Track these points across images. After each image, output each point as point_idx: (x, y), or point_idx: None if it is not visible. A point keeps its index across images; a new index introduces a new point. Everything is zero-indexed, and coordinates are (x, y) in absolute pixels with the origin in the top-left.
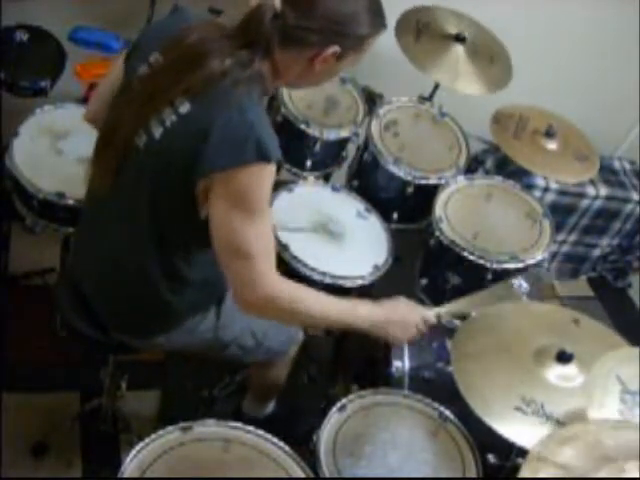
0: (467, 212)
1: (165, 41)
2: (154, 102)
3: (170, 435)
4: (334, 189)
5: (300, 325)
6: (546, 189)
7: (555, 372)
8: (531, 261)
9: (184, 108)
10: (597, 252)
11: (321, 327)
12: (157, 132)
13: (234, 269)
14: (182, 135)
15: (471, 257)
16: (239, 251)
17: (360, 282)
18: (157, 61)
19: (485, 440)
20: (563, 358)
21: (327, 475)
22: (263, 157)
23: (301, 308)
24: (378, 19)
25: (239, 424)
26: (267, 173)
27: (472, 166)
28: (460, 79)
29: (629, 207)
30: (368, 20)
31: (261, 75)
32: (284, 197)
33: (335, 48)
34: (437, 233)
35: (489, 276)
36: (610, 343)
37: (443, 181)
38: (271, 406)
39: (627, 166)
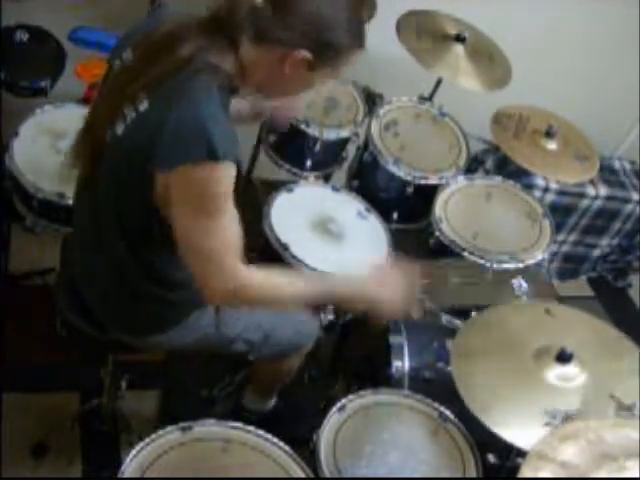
0: (467, 212)
1: (139, 37)
2: (118, 98)
3: (170, 435)
4: (334, 189)
5: (275, 309)
6: (546, 189)
7: (555, 372)
8: (531, 261)
9: (143, 106)
10: (597, 252)
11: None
12: (120, 129)
13: (194, 266)
14: (139, 132)
15: (471, 257)
16: (195, 249)
17: None
18: (128, 57)
19: (485, 440)
20: (563, 358)
21: (327, 475)
22: (212, 156)
23: (269, 296)
24: (356, 36)
25: (239, 424)
26: (219, 172)
27: (472, 166)
28: (461, 76)
29: (629, 207)
30: (345, 33)
31: (218, 66)
32: (284, 197)
33: (306, 53)
34: (437, 233)
35: (489, 276)
36: (593, 327)
37: (443, 181)
38: (272, 401)
39: (627, 166)
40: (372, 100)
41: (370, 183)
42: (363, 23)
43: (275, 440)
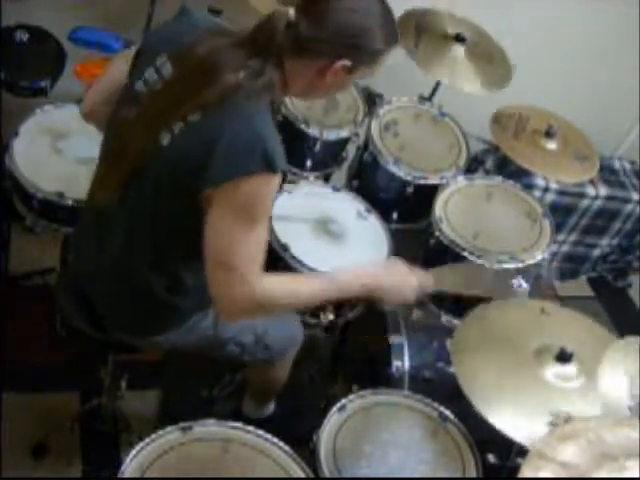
0: (467, 212)
1: (173, 46)
2: (166, 117)
3: (170, 435)
4: (334, 189)
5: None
6: (546, 189)
7: (555, 371)
8: (531, 261)
9: (194, 117)
10: (597, 252)
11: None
12: (165, 139)
13: (218, 276)
14: (189, 143)
15: (471, 257)
16: (227, 259)
17: None
18: (166, 70)
19: (485, 440)
20: (563, 357)
21: (327, 475)
22: (269, 167)
23: (283, 303)
24: (391, 35)
25: (239, 424)
26: (272, 183)
27: (472, 166)
28: (461, 78)
29: (629, 207)
30: (381, 36)
31: (272, 84)
32: (284, 197)
33: (346, 61)
34: (437, 233)
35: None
36: (588, 326)
37: (443, 181)
38: (271, 407)
39: (627, 166)
40: (372, 100)
41: (370, 183)
42: (395, 21)
43: (275, 440)
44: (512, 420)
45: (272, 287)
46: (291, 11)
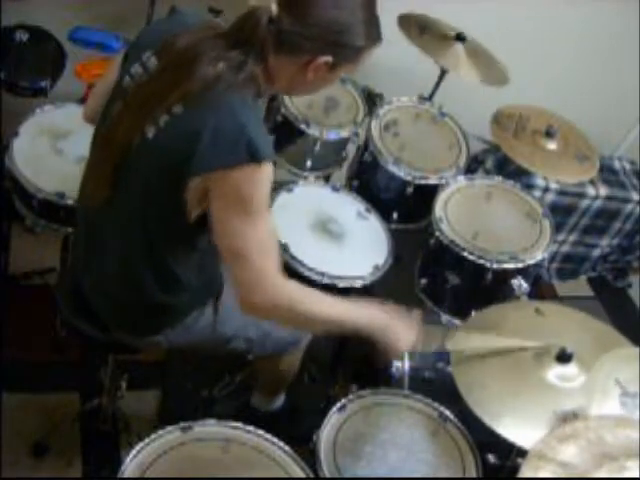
0: (467, 212)
1: (159, 42)
2: (150, 109)
3: (170, 435)
4: (334, 189)
5: (301, 328)
6: (546, 189)
7: (556, 372)
8: (531, 261)
9: (177, 109)
10: (597, 252)
11: (321, 330)
12: (150, 132)
13: (235, 270)
14: (174, 135)
15: (471, 257)
16: (237, 252)
17: (360, 282)
18: (151, 63)
19: (485, 440)
20: (563, 358)
21: (327, 475)
22: (254, 158)
23: (300, 310)
24: (374, 32)
25: (239, 424)
26: (261, 174)
27: (472, 166)
28: (463, 69)
29: (629, 207)
30: (364, 32)
31: (254, 77)
32: (284, 197)
33: (328, 58)
34: (437, 233)
35: (489, 276)
36: (585, 324)
37: (443, 181)
38: (281, 399)
39: (627, 166)
40: (372, 100)
41: (370, 183)
42: (378, 17)
43: (275, 440)
44: (515, 425)
45: (290, 289)
46: (273, 6)
